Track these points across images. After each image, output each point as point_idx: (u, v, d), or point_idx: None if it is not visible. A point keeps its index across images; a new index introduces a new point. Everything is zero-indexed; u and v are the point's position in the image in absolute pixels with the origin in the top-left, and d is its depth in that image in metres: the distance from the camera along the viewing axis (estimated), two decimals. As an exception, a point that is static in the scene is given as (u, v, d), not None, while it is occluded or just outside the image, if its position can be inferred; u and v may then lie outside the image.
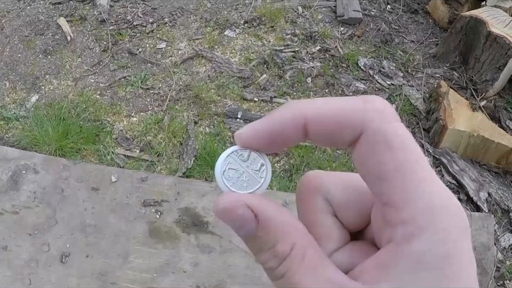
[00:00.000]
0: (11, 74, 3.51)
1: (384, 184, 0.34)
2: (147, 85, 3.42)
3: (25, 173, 2.67)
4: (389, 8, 4.13)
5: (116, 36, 3.76)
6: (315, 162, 2.93)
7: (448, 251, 0.32)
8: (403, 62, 3.66)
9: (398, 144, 0.34)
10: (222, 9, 4.00)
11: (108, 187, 2.62)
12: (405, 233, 0.33)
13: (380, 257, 0.35)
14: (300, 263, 0.36)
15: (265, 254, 0.38)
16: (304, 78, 3.45)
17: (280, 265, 0.37)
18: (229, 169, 0.40)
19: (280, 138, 0.39)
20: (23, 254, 2.40)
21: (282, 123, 0.38)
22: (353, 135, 0.36)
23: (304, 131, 0.38)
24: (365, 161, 0.36)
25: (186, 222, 2.51)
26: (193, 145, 3.00)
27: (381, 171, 0.35)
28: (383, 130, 0.35)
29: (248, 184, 0.40)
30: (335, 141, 0.38)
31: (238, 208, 0.37)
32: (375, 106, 0.36)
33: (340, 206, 0.41)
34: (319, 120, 0.37)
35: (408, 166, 0.34)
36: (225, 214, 0.37)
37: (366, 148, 0.36)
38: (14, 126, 3.15)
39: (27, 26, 3.84)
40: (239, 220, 0.37)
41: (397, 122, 0.36)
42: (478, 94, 3.35)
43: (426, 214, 0.33)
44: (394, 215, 0.34)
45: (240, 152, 0.41)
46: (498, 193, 2.89)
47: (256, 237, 0.37)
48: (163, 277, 2.35)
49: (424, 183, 0.34)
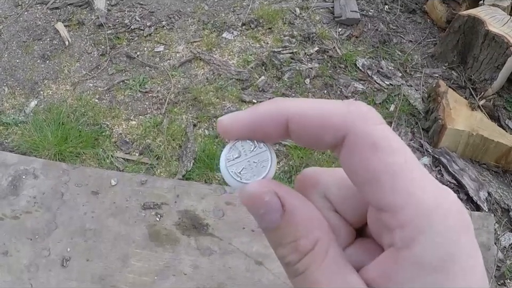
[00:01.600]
0: (10, 79, 3.51)
1: (375, 189, 0.34)
2: (145, 88, 3.42)
3: (25, 178, 2.67)
4: (387, 8, 4.14)
5: (113, 40, 3.77)
6: (314, 163, 2.93)
7: (449, 251, 0.32)
8: (401, 62, 3.66)
9: (384, 146, 0.34)
10: (219, 12, 4.01)
11: (107, 191, 2.62)
12: (404, 237, 0.32)
13: (383, 262, 0.35)
14: (321, 262, 0.35)
15: (285, 248, 0.36)
16: (303, 79, 3.45)
17: (300, 261, 0.36)
18: (232, 165, 0.40)
19: (260, 131, 0.38)
20: (23, 259, 2.40)
21: (264, 116, 0.38)
22: (335, 137, 0.35)
23: (285, 128, 0.37)
24: (352, 166, 0.35)
25: (186, 225, 2.51)
26: (192, 147, 3.00)
27: (369, 175, 0.34)
28: (368, 133, 0.34)
29: (257, 172, 0.39)
30: (316, 142, 0.37)
31: (265, 194, 0.36)
32: (359, 109, 0.35)
33: (339, 202, 0.40)
34: (300, 119, 0.36)
35: (397, 167, 0.33)
36: (251, 200, 0.37)
37: (352, 151, 0.35)
38: (14, 131, 3.16)
39: (25, 32, 3.85)
40: (264, 207, 0.36)
41: (381, 124, 0.35)
42: (477, 93, 3.34)
43: (422, 215, 0.32)
44: (391, 220, 0.33)
45: (234, 147, 0.40)
46: (498, 193, 2.89)
47: (279, 228, 0.36)
48: (163, 280, 2.35)
49: (416, 183, 0.33)
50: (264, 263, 2.39)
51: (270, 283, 2.34)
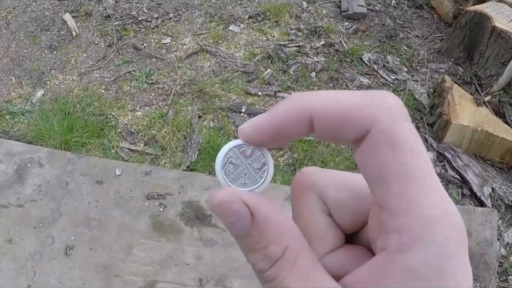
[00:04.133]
0: (17, 69, 3.53)
1: (383, 187, 0.33)
2: (152, 80, 3.43)
3: (30, 166, 2.68)
4: (394, 3, 4.12)
5: (120, 31, 3.78)
6: (319, 156, 2.94)
7: (443, 265, 0.31)
8: (407, 57, 3.65)
9: (403, 147, 0.33)
10: (226, 5, 4.01)
11: (112, 180, 2.63)
12: (399, 242, 0.32)
13: (373, 265, 0.34)
14: (291, 268, 0.35)
15: (256, 254, 0.36)
16: (308, 73, 3.45)
17: (271, 267, 0.35)
18: (230, 163, 0.39)
19: (284, 133, 0.37)
20: (28, 247, 2.41)
21: (286, 117, 0.36)
22: (359, 132, 0.34)
23: (309, 125, 0.36)
24: (367, 161, 0.34)
25: (190, 215, 2.52)
26: (197, 139, 3.00)
27: (381, 173, 0.33)
28: (390, 131, 0.33)
29: (247, 181, 0.39)
30: (340, 137, 0.36)
31: (233, 203, 0.36)
32: (385, 103, 0.34)
33: (335, 205, 0.40)
34: (325, 115, 0.35)
35: (410, 171, 0.32)
36: (220, 208, 0.36)
37: (370, 147, 0.34)
38: (20, 121, 3.17)
39: (33, 22, 3.86)
40: (234, 215, 0.36)
41: (405, 122, 0.34)
42: (482, 89, 3.34)
43: (422, 224, 0.31)
44: (390, 222, 0.33)
45: (243, 147, 0.39)
46: (502, 189, 2.89)
47: (248, 235, 0.36)
48: (166, 270, 2.36)
49: (423, 191, 0.32)
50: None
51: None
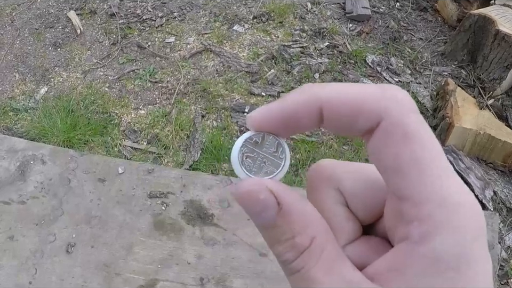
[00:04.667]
0: (21, 66, 3.53)
1: (400, 178, 0.33)
2: (155, 79, 3.43)
3: (32, 163, 2.68)
4: (398, 5, 4.13)
5: (125, 30, 3.78)
6: (321, 157, 2.93)
7: (465, 252, 0.31)
8: (411, 59, 3.65)
9: (416, 137, 0.32)
10: (231, 5, 4.01)
11: (114, 179, 2.63)
12: (421, 231, 0.31)
13: (394, 256, 0.34)
14: (318, 259, 0.34)
15: (282, 245, 0.35)
16: (312, 74, 3.46)
17: (297, 258, 0.35)
18: (247, 158, 0.39)
19: (294, 122, 0.37)
20: (29, 244, 2.41)
21: (297, 106, 0.36)
22: (369, 123, 0.34)
23: (319, 116, 0.36)
24: (381, 153, 0.34)
25: (191, 215, 2.52)
26: (200, 138, 3.01)
27: (397, 164, 0.33)
28: (402, 122, 0.33)
29: (269, 168, 0.39)
30: (349, 128, 0.36)
31: (260, 192, 0.35)
32: (395, 95, 0.34)
33: (352, 197, 0.39)
34: (335, 105, 0.35)
35: (426, 160, 0.32)
36: (246, 198, 0.35)
37: (383, 139, 0.34)
38: (23, 117, 3.18)
39: (37, 19, 3.87)
40: (260, 205, 0.35)
41: (416, 114, 0.34)
42: (485, 92, 3.34)
43: (443, 211, 0.31)
44: (410, 211, 0.32)
45: (253, 138, 0.39)
46: (503, 192, 2.89)
47: (274, 225, 0.35)
48: (167, 268, 2.36)
49: (441, 179, 0.32)
50: (267, 254, 2.39)
51: (273, 274, 2.35)
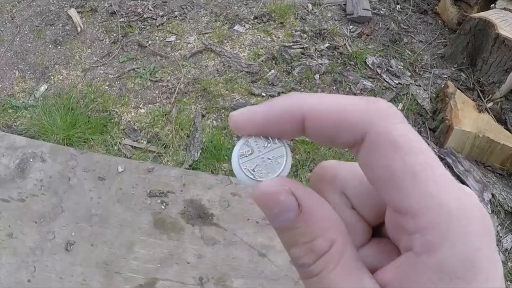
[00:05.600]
0: (21, 63, 3.53)
1: (395, 190, 0.32)
2: (156, 78, 3.43)
3: (32, 161, 2.68)
4: (399, 8, 4.14)
5: (126, 28, 3.78)
6: (321, 158, 2.94)
7: (472, 258, 0.30)
8: (411, 61, 3.66)
9: (405, 146, 0.32)
10: (232, 4, 4.02)
11: (114, 177, 2.63)
12: (424, 242, 0.31)
13: (400, 267, 0.33)
14: (337, 263, 0.33)
15: (299, 248, 0.35)
16: (312, 75, 3.46)
17: (315, 262, 0.34)
18: (246, 162, 0.38)
19: (275, 127, 0.37)
20: (28, 242, 2.41)
21: (278, 112, 0.36)
22: (353, 136, 0.34)
23: (301, 125, 0.35)
24: (372, 166, 0.33)
25: (191, 214, 2.52)
26: (200, 138, 3.01)
27: (389, 176, 0.32)
28: (389, 132, 0.32)
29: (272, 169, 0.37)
30: (333, 140, 0.35)
31: (281, 194, 0.34)
32: (379, 106, 0.34)
33: (358, 199, 0.39)
34: (317, 116, 0.35)
35: (419, 168, 0.31)
36: (265, 199, 0.35)
37: (371, 151, 0.33)
38: (23, 115, 3.18)
39: (37, 17, 3.87)
40: (280, 206, 0.34)
41: (402, 123, 0.33)
42: (484, 95, 3.35)
43: (444, 219, 0.30)
44: (410, 223, 0.31)
45: (248, 142, 0.38)
46: (502, 195, 2.89)
47: (293, 228, 0.35)
48: (167, 267, 2.36)
49: (437, 185, 0.31)
50: (267, 255, 2.40)
51: (273, 275, 2.35)
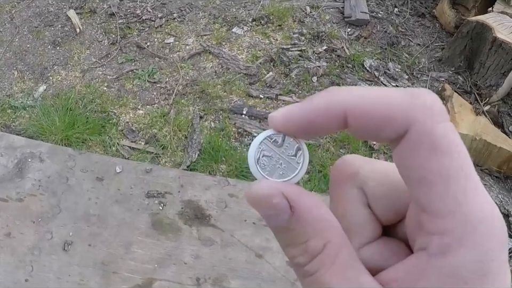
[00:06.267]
0: (20, 64, 3.54)
1: (425, 190, 0.32)
2: (154, 79, 3.44)
3: (31, 161, 2.69)
4: (396, 11, 4.15)
5: (124, 30, 3.79)
6: (318, 160, 2.95)
7: (484, 268, 0.30)
8: (408, 64, 3.67)
9: (444, 147, 0.31)
10: (230, 7, 4.03)
11: (112, 178, 2.64)
12: (441, 244, 0.31)
13: (410, 265, 0.34)
14: (332, 264, 0.34)
15: (295, 249, 0.35)
16: (310, 77, 3.47)
17: (310, 262, 0.35)
18: (263, 156, 0.38)
19: (316, 125, 0.36)
20: (27, 241, 2.42)
21: (320, 111, 0.35)
22: (397, 131, 0.33)
23: (343, 122, 0.35)
24: (407, 162, 0.33)
25: (189, 215, 2.53)
26: (198, 139, 3.02)
27: (422, 175, 0.32)
28: (430, 131, 0.32)
29: (284, 171, 0.38)
30: (376, 136, 0.35)
31: (273, 197, 0.34)
32: (424, 102, 0.33)
33: (375, 197, 0.39)
34: (360, 113, 0.34)
35: (452, 173, 0.31)
36: (259, 202, 0.35)
37: (410, 147, 0.33)
38: (21, 115, 3.18)
39: (37, 18, 3.87)
40: (274, 209, 0.35)
41: (445, 122, 0.32)
42: (481, 98, 3.36)
43: (465, 226, 0.30)
44: (432, 223, 0.32)
45: (273, 137, 0.38)
46: (498, 198, 2.90)
47: (288, 229, 0.35)
48: (164, 268, 2.37)
49: (466, 193, 0.31)
50: (264, 256, 2.41)
51: (269, 276, 2.37)
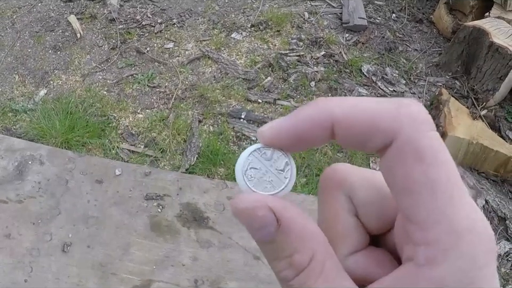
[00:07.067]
0: (21, 68, 3.56)
1: (410, 199, 0.32)
2: (154, 83, 3.47)
3: (31, 163, 2.71)
4: (394, 16, 4.18)
5: (124, 35, 3.82)
6: (316, 164, 2.97)
7: (472, 278, 0.30)
8: (406, 69, 3.69)
9: (429, 157, 0.32)
10: (229, 13, 4.06)
11: (111, 180, 2.66)
12: (428, 255, 0.31)
13: (398, 276, 0.33)
14: (318, 277, 0.34)
15: (281, 262, 0.35)
16: (308, 82, 3.49)
17: (296, 276, 0.34)
18: (251, 168, 0.38)
19: (305, 138, 0.36)
20: (26, 243, 2.43)
21: (308, 122, 0.35)
22: (383, 141, 0.33)
23: (331, 132, 0.35)
24: (393, 172, 0.33)
25: (187, 217, 2.55)
26: (196, 143, 3.04)
27: (408, 185, 0.32)
28: (415, 140, 0.32)
29: (271, 185, 0.38)
30: (363, 146, 0.35)
31: (259, 209, 0.34)
32: (409, 111, 0.33)
33: (363, 206, 0.39)
34: (348, 123, 0.34)
35: (438, 182, 0.31)
36: (245, 215, 0.35)
37: (395, 157, 0.33)
38: (22, 118, 3.20)
39: (38, 23, 3.90)
40: (259, 222, 0.34)
41: (431, 131, 0.33)
42: (478, 103, 3.38)
43: (451, 236, 0.30)
44: (418, 234, 0.32)
45: (263, 150, 0.38)
46: (495, 201, 2.91)
47: (274, 242, 0.35)
48: (162, 270, 2.38)
49: (452, 202, 0.31)
50: (262, 258, 2.41)
51: (267, 278, 2.38)
